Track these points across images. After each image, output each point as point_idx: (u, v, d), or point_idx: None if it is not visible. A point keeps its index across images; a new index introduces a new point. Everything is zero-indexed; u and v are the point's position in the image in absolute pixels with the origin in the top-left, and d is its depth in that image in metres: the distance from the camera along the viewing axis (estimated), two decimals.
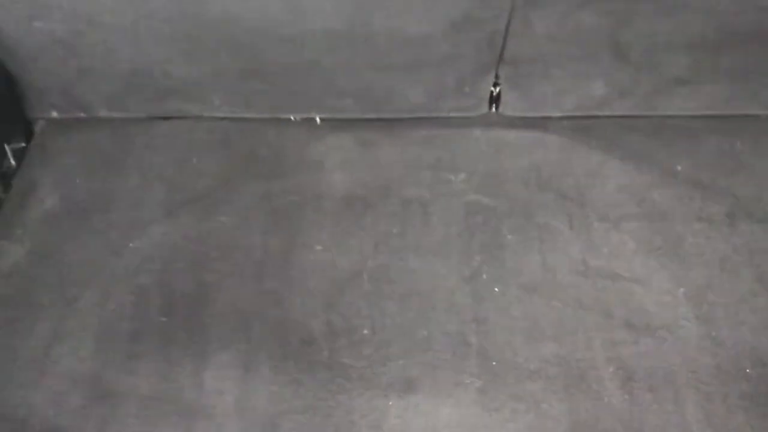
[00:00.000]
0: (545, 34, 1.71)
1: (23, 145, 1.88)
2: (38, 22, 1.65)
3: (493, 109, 1.95)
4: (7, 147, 1.83)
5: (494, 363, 1.51)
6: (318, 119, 1.96)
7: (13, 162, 1.84)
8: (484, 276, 1.65)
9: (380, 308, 1.60)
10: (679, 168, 1.84)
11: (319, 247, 1.70)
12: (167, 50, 1.74)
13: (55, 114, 1.94)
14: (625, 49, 1.75)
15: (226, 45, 1.73)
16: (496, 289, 1.63)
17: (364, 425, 1.43)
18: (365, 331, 1.56)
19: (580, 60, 1.80)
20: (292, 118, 1.96)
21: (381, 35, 1.68)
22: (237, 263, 1.67)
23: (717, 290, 1.61)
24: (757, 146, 1.88)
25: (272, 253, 1.69)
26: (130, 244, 1.70)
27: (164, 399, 1.46)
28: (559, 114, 1.94)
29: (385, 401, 1.46)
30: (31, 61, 1.78)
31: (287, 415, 1.44)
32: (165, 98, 1.90)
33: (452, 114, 1.95)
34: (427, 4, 1.61)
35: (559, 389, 1.47)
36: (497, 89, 1.91)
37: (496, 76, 1.87)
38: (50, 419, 1.42)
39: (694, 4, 1.62)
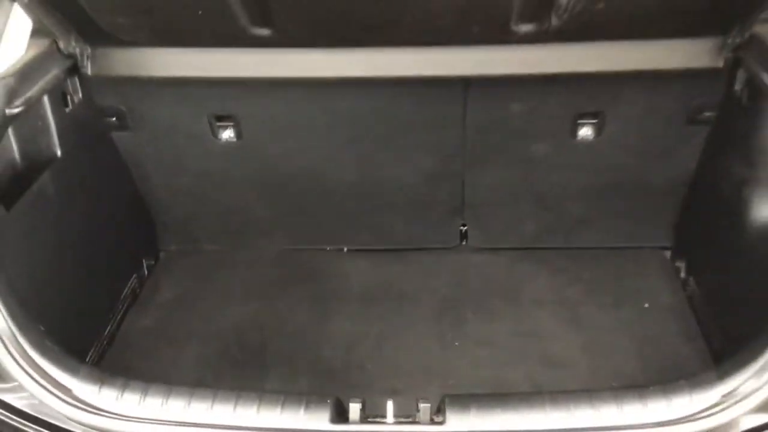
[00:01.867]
0: (488, 187, 2.71)
1: (153, 262, 2.88)
2: (174, 179, 2.72)
3: (464, 242, 2.91)
4: (144, 262, 2.83)
5: (451, 382, 2.34)
6: (345, 249, 2.93)
7: (146, 272, 2.83)
8: (449, 336, 2.52)
9: (379, 353, 2.46)
10: (585, 275, 2.74)
11: (342, 320, 2.60)
12: (248, 198, 2.77)
13: (173, 247, 2.96)
14: (541, 198, 2.73)
15: (286, 194, 2.75)
16: (456, 344, 2.49)
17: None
18: (369, 366, 2.42)
19: (516, 206, 2.77)
20: (327, 248, 2.94)
21: (383, 184, 2.69)
22: (287, 329, 2.57)
23: (602, 343, 2.45)
24: (637, 265, 2.78)
25: (311, 323, 2.59)
26: (219, 317, 2.63)
27: None
28: (506, 246, 2.88)
29: (377, 399, 2.28)
30: (164, 207, 2.82)
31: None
32: (245, 234, 2.91)
33: (436, 246, 2.91)
34: (410, 163, 2.63)
35: None
36: (465, 228, 2.88)
37: (463, 217, 2.84)
38: None
39: (572, 164, 2.60)
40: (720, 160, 2.42)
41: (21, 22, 1.93)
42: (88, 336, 2.43)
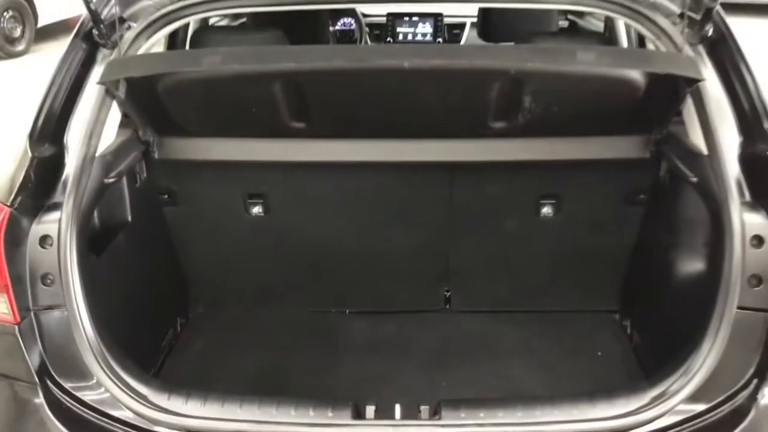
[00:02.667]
0: (468, 257, 3.28)
1: (184, 321, 3.39)
2: (208, 249, 3.26)
3: (447, 306, 3.45)
4: (178, 320, 3.34)
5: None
6: (347, 311, 3.46)
7: (179, 329, 3.33)
8: (437, 378, 3.03)
9: (381, 390, 2.94)
10: (549, 332, 3.28)
11: (348, 368, 3.10)
12: (269, 266, 3.31)
13: (201, 309, 3.46)
14: (512, 268, 3.31)
15: (300, 263, 3.30)
16: (444, 383, 3.00)
17: None
18: (373, 398, 2.89)
19: (491, 274, 3.34)
20: (332, 310, 3.46)
21: (382, 255, 3.25)
22: (302, 373, 3.06)
23: (563, 383, 2.97)
24: (592, 325, 3.33)
25: (322, 370, 3.08)
26: (243, 364, 3.12)
27: None
28: (483, 308, 3.43)
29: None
30: (197, 273, 3.35)
31: None
32: (264, 298, 3.43)
33: (425, 308, 3.45)
34: (405, 236, 3.20)
35: None
36: (448, 293, 3.43)
37: (448, 284, 3.40)
38: None
39: (536, 238, 3.19)
40: (652, 234, 3.03)
41: (114, 115, 2.52)
42: None
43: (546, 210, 3.12)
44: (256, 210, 3.13)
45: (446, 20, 4.80)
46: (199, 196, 3.09)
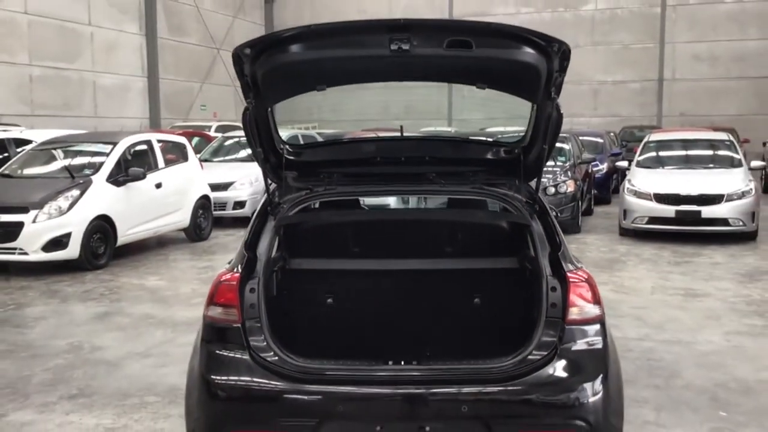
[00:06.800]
0: (439, 329, 6.21)
1: None
2: (300, 321, 6.19)
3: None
4: None
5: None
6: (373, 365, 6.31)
7: None
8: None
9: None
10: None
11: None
12: (334, 333, 6.22)
13: None
14: (462, 334, 6.23)
15: (350, 331, 6.21)
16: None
17: None
18: None
19: (452, 340, 6.24)
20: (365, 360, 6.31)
21: (394, 327, 6.16)
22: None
23: None
24: None
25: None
26: None
27: None
28: (451, 363, 6.30)
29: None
30: (293, 337, 6.26)
31: None
32: (329, 350, 6.28)
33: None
34: (404, 315, 6.13)
35: None
36: (429, 354, 6.31)
37: (427, 347, 6.29)
38: None
39: (475, 317, 6.14)
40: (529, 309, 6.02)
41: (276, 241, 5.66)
42: None
43: (477, 300, 6.14)
44: (329, 300, 6.14)
45: None
46: (299, 292, 6.11)
